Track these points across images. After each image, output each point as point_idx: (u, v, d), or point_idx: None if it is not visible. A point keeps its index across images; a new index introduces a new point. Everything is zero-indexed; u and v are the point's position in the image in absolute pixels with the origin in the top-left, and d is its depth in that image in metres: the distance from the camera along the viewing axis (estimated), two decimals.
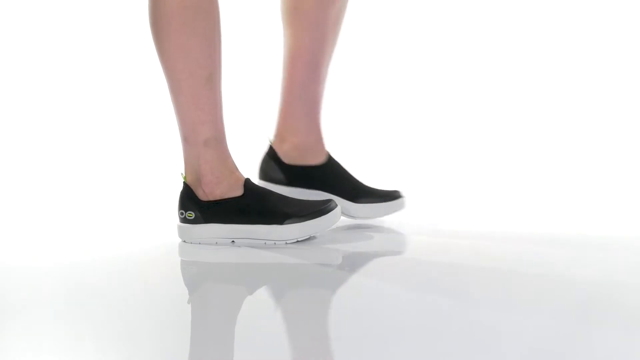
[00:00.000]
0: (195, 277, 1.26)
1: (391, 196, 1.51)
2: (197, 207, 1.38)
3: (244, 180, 1.39)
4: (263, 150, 1.54)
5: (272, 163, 1.51)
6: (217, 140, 1.38)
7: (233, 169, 1.39)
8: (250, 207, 1.37)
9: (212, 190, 1.38)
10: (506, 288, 1.11)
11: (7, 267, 1.29)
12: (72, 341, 0.91)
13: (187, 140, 1.38)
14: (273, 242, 1.36)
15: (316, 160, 1.51)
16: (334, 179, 1.51)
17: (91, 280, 1.18)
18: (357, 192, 1.50)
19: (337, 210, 1.39)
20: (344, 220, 1.50)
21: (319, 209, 1.37)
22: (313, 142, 1.52)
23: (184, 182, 1.39)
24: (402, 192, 1.54)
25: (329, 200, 1.40)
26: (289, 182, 1.50)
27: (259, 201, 1.37)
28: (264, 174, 1.52)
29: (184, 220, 1.39)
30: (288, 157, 1.51)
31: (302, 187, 1.50)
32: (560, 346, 0.87)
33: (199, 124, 1.36)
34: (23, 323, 0.97)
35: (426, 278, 1.18)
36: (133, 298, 1.08)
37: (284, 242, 1.36)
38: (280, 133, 1.52)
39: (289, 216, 1.36)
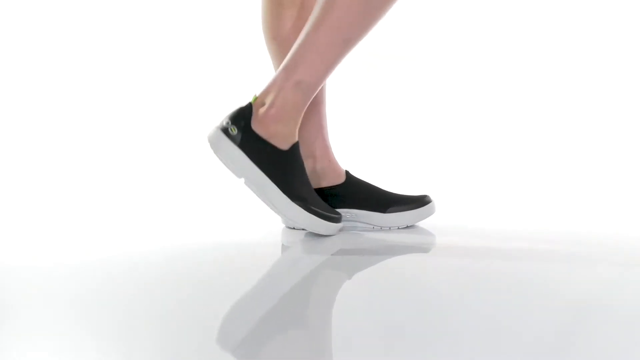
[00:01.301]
0: (196, 278, 1.25)
1: (421, 201, 1.51)
2: (243, 130, 1.36)
3: (295, 140, 1.38)
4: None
5: None
6: (307, 91, 1.37)
7: (297, 122, 1.38)
8: (280, 164, 1.36)
9: (268, 125, 1.36)
10: (507, 287, 1.11)
11: (7, 267, 1.28)
12: (72, 341, 0.91)
13: (286, 69, 1.37)
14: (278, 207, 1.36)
15: (335, 180, 1.51)
16: (357, 194, 1.50)
17: (91, 281, 1.17)
18: (386, 202, 1.49)
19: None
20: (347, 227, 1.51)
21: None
22: (327, 164, 1.51)
23: (250, 102, 1.38)
24: (431, 196, 1.53)
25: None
26: None
27: (294, 164, 1.38)
28: None
29: (224, 129, 1.37)
30: None
31: None
32: (562, 346, 0.86)
33: (308, 66, 1.36)
34: (23, 323, 0.97)
35: (427, 276, 1.17)
36: (133, 298, 1.08)
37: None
38: None
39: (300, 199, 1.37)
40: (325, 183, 1.51)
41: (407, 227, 1.51)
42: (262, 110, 1.37)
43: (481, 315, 0.97)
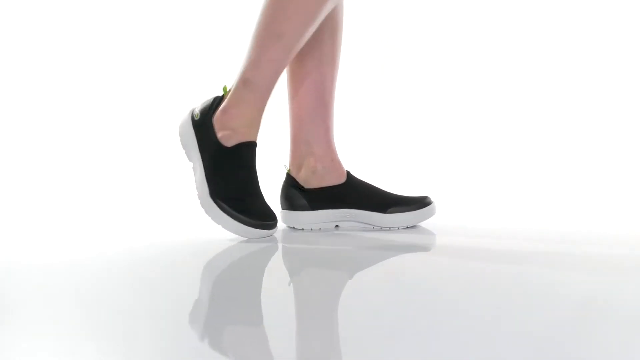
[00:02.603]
0: (197, 277, 1.25)
1: (422, 203, 1.51)
2: (204, 117, 1.42)
3: (243, 140, 1.40)
4: (282, 179, 1.54)
5: (293, 190, 1.51)
6: (256, 90, 1.39)
7: (254, 120, 1.41)
8: (218, 159, 1.40)
9: (222, 120, 1.41)
10: (508, 287, 1.11)
11: (8, 267, 1.28)
12: (72, 341, 0.91)
13: (240, 67, 1.41)
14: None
15: (336, 180, 1.51)
16: (358, 194, 1.50)
17: (92, 280, 1.17)
18: (386, 203, 1.49)
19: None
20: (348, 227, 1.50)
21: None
22: (329, 164, 1.52)
23: (222, 95, 1.44)
24: (431, 197, 1.53)
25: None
26: (313, 207, 1.50)
27: (233, 163, 1.41)
28: (287, 202, 1.52)
29: (191, 112, 1.46)
30: (308, 182, 1.51)
31: (327, 208, 1.50)
32: (564, 346, 0.86)
33: (250, 62, 1.39)
34: (23, 323, 0.97)
35: (427, 276, 1.17)
36: (134, 297, 1.08)
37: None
38: (295, 160, 1.53)
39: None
40: (326, 182, 1.51)
41: (407, 227, 1.50)
42: (222, 105, 1.42)
43: (482, 316, 0.97)
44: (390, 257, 1.35)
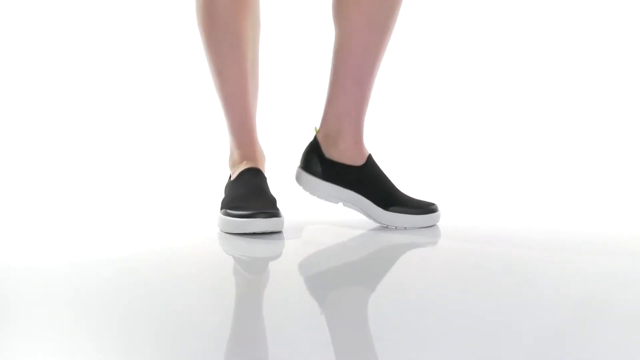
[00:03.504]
0: (199, 276, 1.25)
1: (426, 209, 1.49)
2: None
3: (244, 167, 1.51)
4: (308, 139, 1.54)
5: (313, 155, 1.52)
6: (228, 129, 1.56)
7: (240, 159, 1.54)
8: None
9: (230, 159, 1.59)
10: (510, 287, 1.10)
11: (8, 267, 1.28)
12: (72, 342, 0.91)
13: None
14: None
15: (355, 161, 1.51)
16: (369, 183, 1.50)
17: (92, 281, 1.17)
18: (391, 200, 1.49)
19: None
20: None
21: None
22: (353, 144, 1.51)
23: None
24: (438, 205, 1.52)
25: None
26: (326, 178, 1.50)
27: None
28: (305, 164, 1.53)
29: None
30: (329, 152, 1.51)
31: (337, 184, 1.50)
32: (567, 346, 0.86)
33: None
34: (23, 323, 0.97)
35: (428, 276, 1.17)
36: (134, 299, 1.08)
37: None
38: (324, 128, 1.53)
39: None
40: (344, 159, 1.51)
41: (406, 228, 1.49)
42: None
43: (482, 316, 0.97)
44: (392, 257, 1.34)
